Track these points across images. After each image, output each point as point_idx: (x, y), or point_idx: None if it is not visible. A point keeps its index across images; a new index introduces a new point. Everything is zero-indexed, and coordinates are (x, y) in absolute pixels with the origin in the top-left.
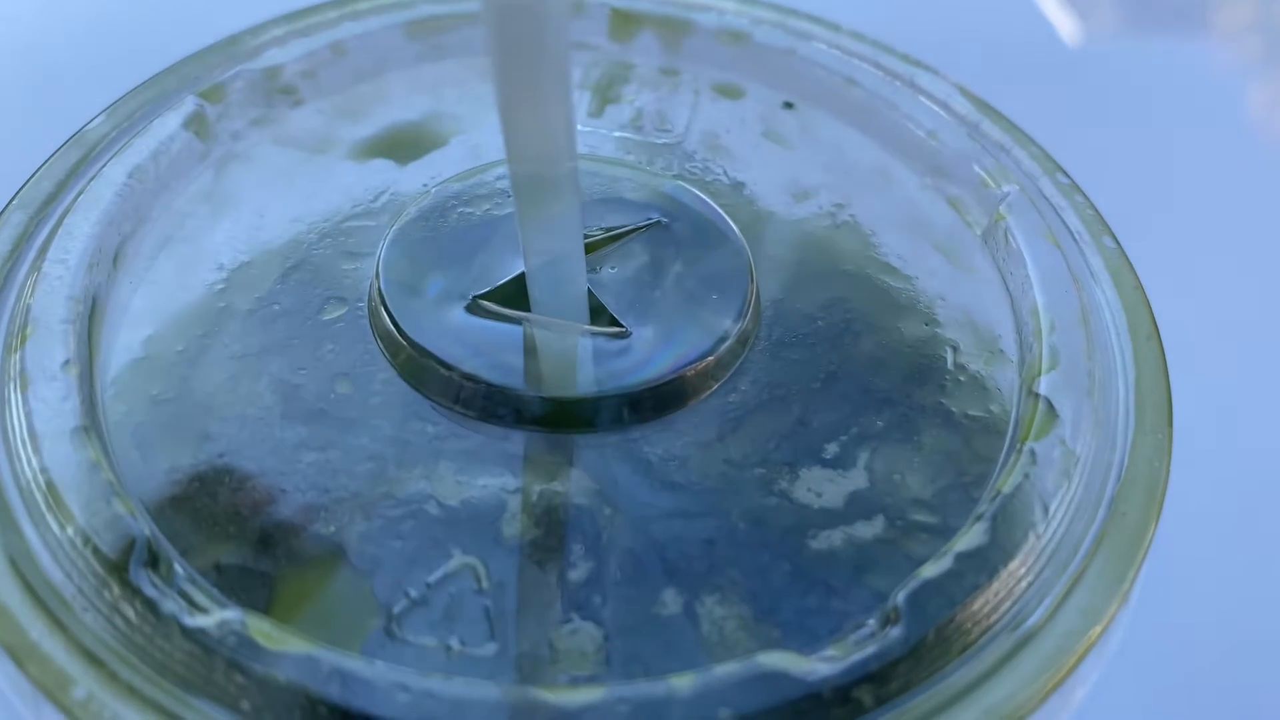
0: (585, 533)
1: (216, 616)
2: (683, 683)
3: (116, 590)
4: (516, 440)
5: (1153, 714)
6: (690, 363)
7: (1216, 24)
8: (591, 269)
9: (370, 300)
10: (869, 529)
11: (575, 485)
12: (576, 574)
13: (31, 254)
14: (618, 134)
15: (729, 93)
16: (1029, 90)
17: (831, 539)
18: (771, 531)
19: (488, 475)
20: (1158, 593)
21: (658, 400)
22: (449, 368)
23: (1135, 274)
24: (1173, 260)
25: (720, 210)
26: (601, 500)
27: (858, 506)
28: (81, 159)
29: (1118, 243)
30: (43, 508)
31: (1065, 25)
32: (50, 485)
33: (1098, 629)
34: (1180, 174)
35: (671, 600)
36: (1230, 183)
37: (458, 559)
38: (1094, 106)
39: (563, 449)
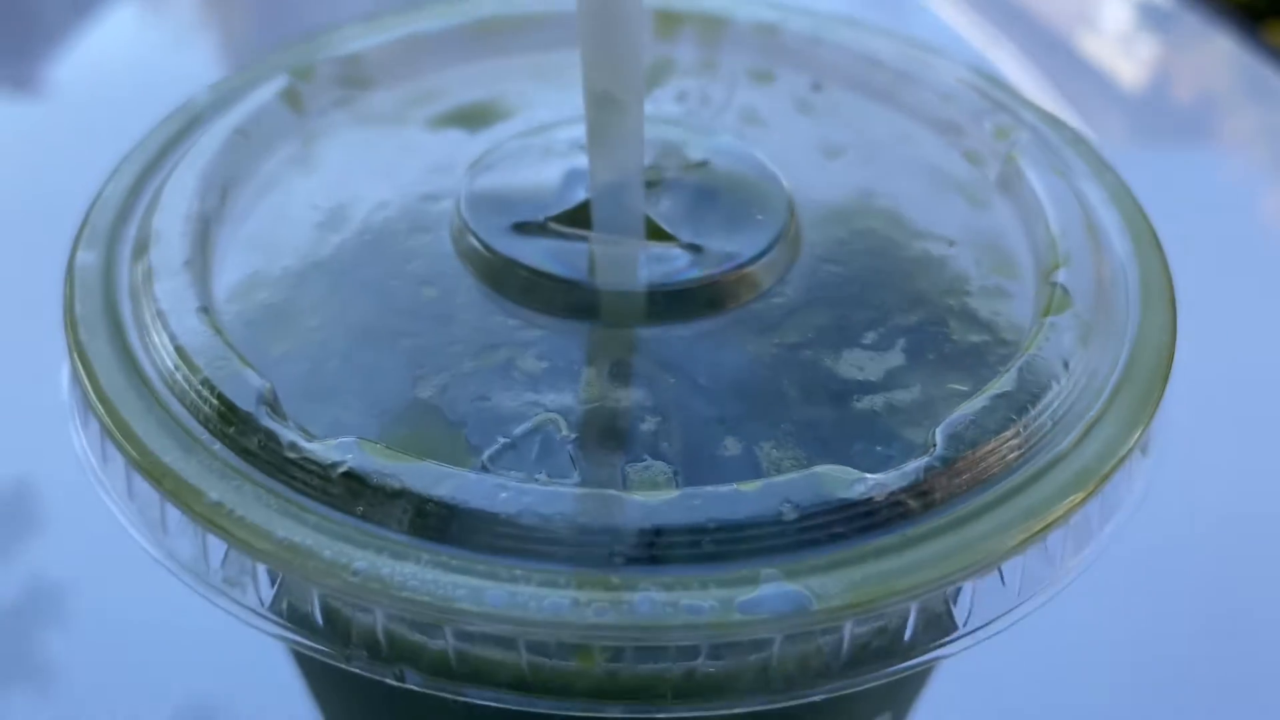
0: (652, 396)
1: (333, 441)
2: (749, 487)
3: (240, 426)
4: (585, 330)
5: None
6: (736, 267)
7: (1224, 134)
8: (648, 203)
9: (453, 225)
10: (907, 395)
11: (640, 361)
12: (646, 426)
13: (149, 192)
14: (665, 108)
15: (762, 78)
16: None
17: (874, 402)
18: (820, 395)
19: (563, 355)
20: (1173, 449)
21: (709, 297)
22: (526, 269)
23: (1135, 198)
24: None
25: (760, 156)
26: (665, 371)
27: (896, 378)
28: (189, 123)
29: (1119, 177)
30: (171, 367)
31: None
32: (180, 349)
33: (1115, 460)
34: (1189, 281)
35: (732, 445)
36: (1240, 288)
37: (541, 415)
38: None
39: (628, 336)
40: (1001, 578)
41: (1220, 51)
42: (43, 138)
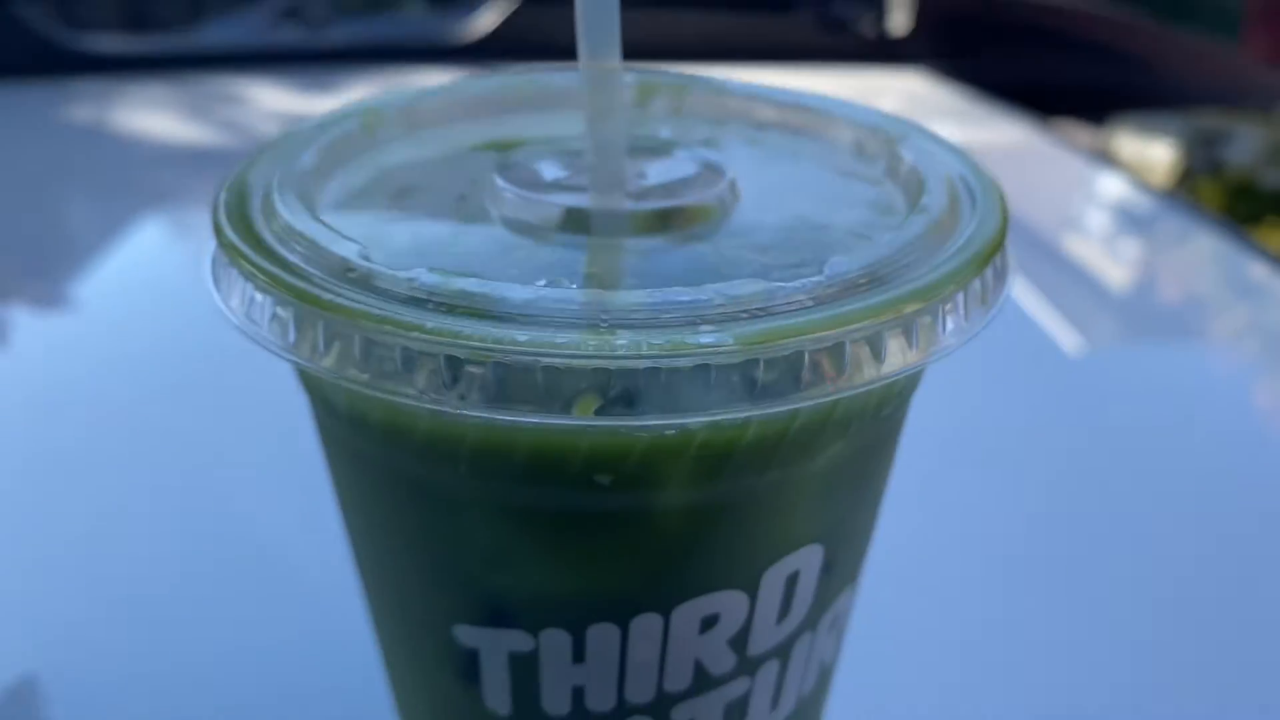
0: (634, 269)
1: (405, 271)
2: (693, 288)
3: (347, 275)
4: (583, 240)
5: None
6: (691, 204)
7: (1213, 331)
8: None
9: (488, 186)
10: (809, 265)
11: (624, 255)
12: (630, 281)
13: (263, 184)
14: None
15: (718, 123)
16: (1031, 396)
17: (784, 266)
18: (747, 268)
19: (569, 250)
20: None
21: (670, 221)
22: (541, 204)
23: (978, 164)
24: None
25: (711, 155)
26: (641, 258)
27: (804, 256)
28: (282, 139)
29: (968, 155)
30: (290, 241)
31: (1065, 337)
32: (291, 229)
33: (947, 287)
34: (1188, 480)
35: (686, 288)
36: (1239, 487)
37: (555, 277)
38: (1093, 411)
39: (615, 242)
40: (870, 348)
41: (1206, 250)
42: (68, 350)
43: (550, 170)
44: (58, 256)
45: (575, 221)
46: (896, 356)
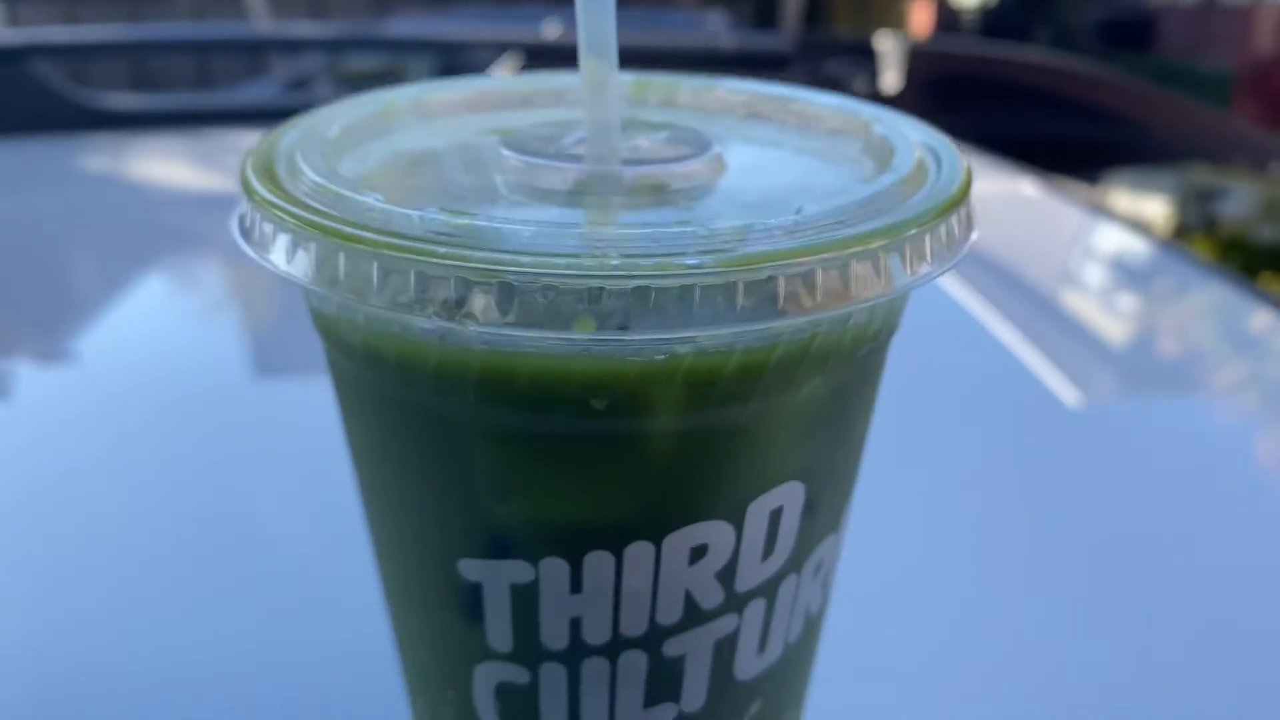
0: (629, 221)
1: (428, 210)
2: (682, 223)
3: (366, 215)
4: (580, 199)
5: None
6: (680, 160)
7: (1212, 385)
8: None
9: (493, 157)
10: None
11: (622, 204)
12: (628, 230)
13: (288, 152)
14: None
15: (708, 111)
16: (1032, 451)
17: (766, 213)
18: (735, 213)
19: (571, 207)
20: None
21: (674, 182)
22: (541, 170)
23: (944, 136)
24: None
25: (701, 129)
26: (635, 212)
27: (785, 208)
28: (301, 122)
29: (935, 130)
30: (314, 194)
31: (1065, 391)
32: (315, 185)
33: (912, 226)
34: (1193, 534)
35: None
36: (1244, 536)
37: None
38: (1093, 464)
39: (611, 200)
40: (840, 276)
41: (1206, 302)
42: (68, 404)
43: (551, 144)
44: (66, 305)
45: (575, 184)
46: (865, 287)
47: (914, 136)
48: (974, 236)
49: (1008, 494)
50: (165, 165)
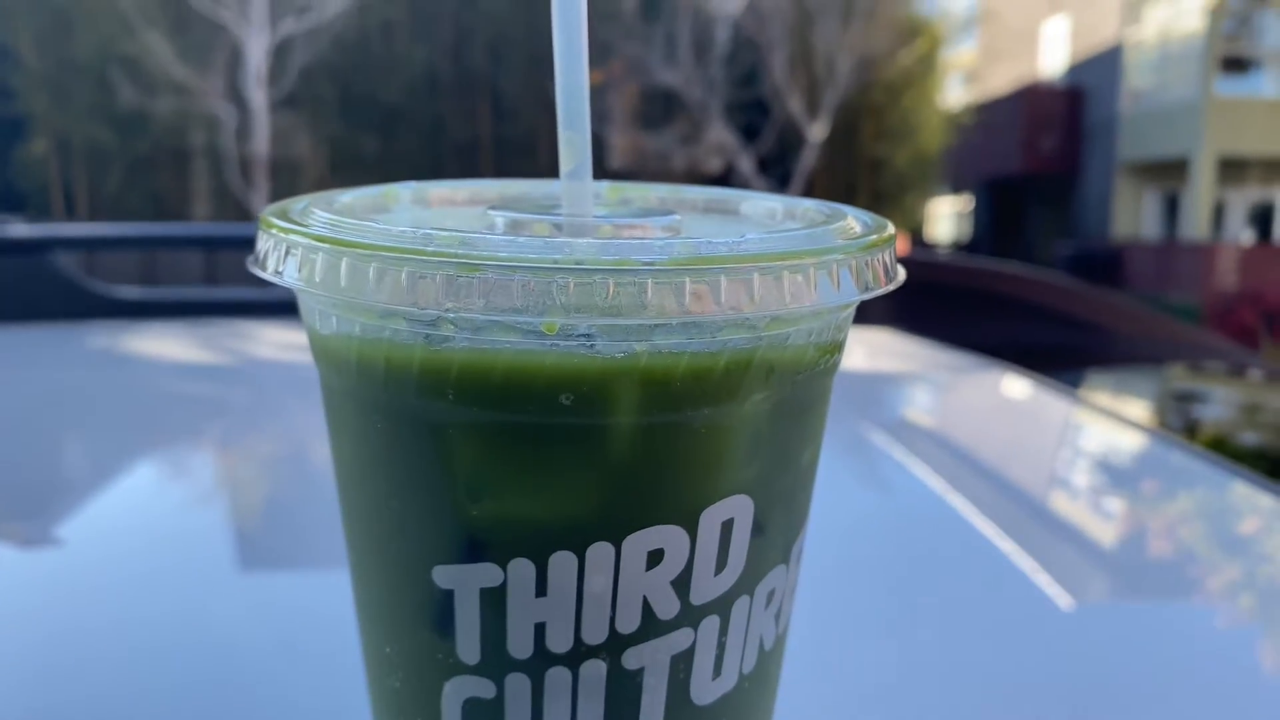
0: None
1: (421, 229)
2: (651, 231)
3: (363, 229)
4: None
5: None
6: (645, 224)
7: (1207, 588)
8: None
9: (483, 222)
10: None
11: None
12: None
13: (300, 207)
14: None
15: (674, 205)
16: (1024, 652)
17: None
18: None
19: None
20: None
21: (638, 236)
22: (527, 223)
23: (880, 220)
24: None
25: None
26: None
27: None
28: (301, 202)
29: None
30: (323, 225)
31: (1058, 594)
32: (324, 220)
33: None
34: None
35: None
36: None
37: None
38: (1085, 666)
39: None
40: (774, 282)
41: (1194, 502)
42: (49, 588)
43: (533, 210)
44: (56, 487)
45: (552, 229)
46: (797, 296)
47: (846, 209)
48: (901, 277)
49: (1002, 697)
50: (164, 351)
